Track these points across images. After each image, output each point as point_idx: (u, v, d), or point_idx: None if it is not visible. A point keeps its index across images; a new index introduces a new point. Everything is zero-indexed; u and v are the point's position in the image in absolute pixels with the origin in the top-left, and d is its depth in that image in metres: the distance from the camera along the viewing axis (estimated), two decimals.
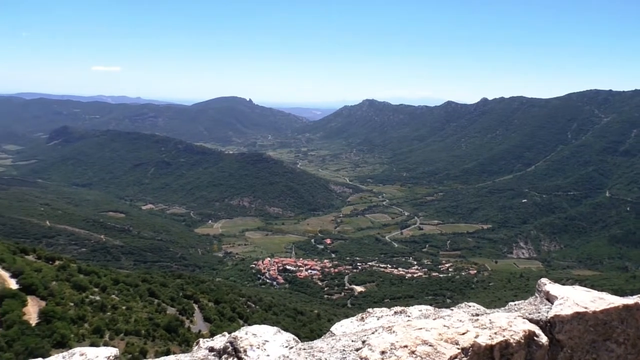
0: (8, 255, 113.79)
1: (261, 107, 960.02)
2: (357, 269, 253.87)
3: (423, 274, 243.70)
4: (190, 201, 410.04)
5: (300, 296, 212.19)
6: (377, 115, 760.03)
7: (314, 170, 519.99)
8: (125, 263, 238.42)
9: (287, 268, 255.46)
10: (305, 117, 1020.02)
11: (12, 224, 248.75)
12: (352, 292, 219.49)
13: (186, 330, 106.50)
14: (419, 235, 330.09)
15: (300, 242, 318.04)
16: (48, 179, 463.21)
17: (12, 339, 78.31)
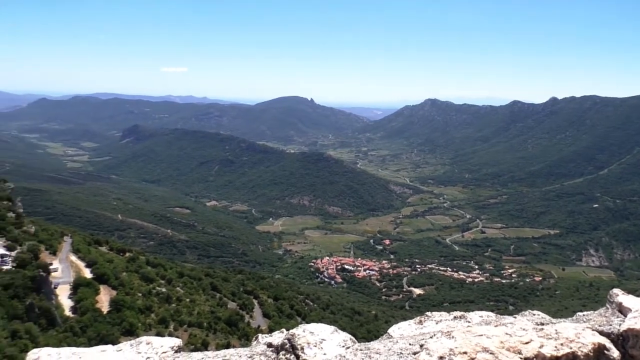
0: (83, 246, 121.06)
1: (322, 107, 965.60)
2: (416, 271, 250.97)
3: (484, 279, 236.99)
4: (252, 199, 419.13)
5: (358, 296, 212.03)
6: (439, 115, 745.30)
7: (374, 170, 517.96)
8: (189, 257, 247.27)
9: (345, 267, 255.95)
10: (366, 116, 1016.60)
11: (87, 216, 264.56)
12: (411, 295, 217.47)
13: (246, 324, 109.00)
14: (480, 238, 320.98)
15: (358, 242, 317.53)
16: (120, 174, 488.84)
17: (85, 325, 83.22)
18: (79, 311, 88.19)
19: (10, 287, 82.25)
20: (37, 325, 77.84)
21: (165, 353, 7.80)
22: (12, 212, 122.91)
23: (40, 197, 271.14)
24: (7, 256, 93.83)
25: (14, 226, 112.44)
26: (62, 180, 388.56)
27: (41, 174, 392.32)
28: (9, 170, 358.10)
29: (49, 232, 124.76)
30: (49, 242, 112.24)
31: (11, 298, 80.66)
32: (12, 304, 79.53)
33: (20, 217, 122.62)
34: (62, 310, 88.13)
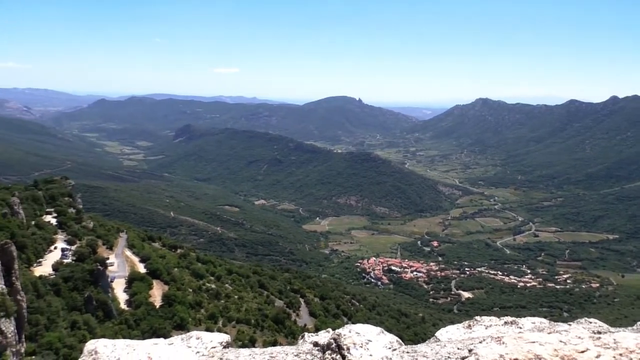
0: (138, 242, 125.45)
1: (370, 107, 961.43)
2: (464, 274, 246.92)
3: (537, 284, 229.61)
4: (299, 198, 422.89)
5: (405, 298, 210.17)
6: (491, 115, 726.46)
7: (422, 170, 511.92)
8: (238, 255, 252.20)
9: (392, 269, 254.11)
10: (415, 116, 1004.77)
11: (142, 213, 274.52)
12: (459, 298, 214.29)
13: (292, 323, 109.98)
14: (533, 242, 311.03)
15: (406, 243, 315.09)
16: (173, 173, 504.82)
17: (139, 318, 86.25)
18: (134, 305, 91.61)
19: (70, 280, 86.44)
20: (95, 316, 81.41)
21: (214, 348, 8.01)
22: (72, 208, 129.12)
23: (99, 194, 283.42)
24: (67, 250, 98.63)
25: (74, 221, 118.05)
26: (119, 177, 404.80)
27: (99, 171, 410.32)
28: (70, 168, 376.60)
29: (106, 227, 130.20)
30: (106, 237, 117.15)
31: (71, 290, 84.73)
32: (72, 295, 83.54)
33: (80, 212, 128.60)
34: (117, 303, 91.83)
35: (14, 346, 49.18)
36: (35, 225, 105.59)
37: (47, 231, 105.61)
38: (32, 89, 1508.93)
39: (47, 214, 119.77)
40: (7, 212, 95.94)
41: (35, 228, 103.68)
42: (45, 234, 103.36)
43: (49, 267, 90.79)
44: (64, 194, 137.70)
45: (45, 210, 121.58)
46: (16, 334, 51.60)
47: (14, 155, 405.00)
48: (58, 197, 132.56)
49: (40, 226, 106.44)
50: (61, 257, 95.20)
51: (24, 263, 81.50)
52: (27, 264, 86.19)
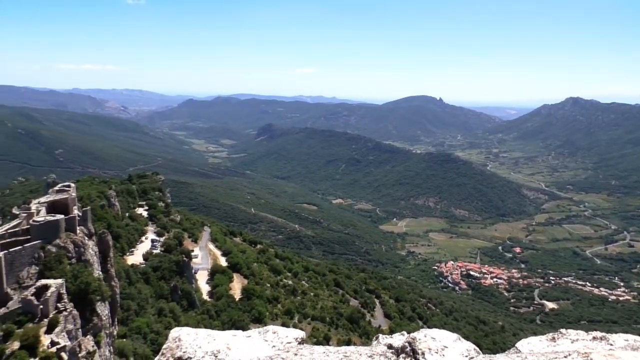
0: (220, 236, 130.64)
1: (451, 106, 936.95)
2: (549, 283, 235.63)
3: (631, 298, 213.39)
4: (376, 198, 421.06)
5: (484, 304, 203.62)
6: (582, 115, 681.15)
7: (506, 173, 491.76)
8: (315, 252, 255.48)
9: (470, 274, 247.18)
10: (498, 116, 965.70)
11: (225, 209, 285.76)
12: (542, 308, 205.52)
13: (367, 323, 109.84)
14: (628, 252, 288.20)
15: (486, 248, 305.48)
16: (255, 170, 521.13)
17: (220, 309, 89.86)
18: (215, 296, 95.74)
19: (158, 270, 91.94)
20: (180, 305, 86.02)
21: (289, 344, 8.21)
22: (162, 202, 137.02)
23: (185, 189, 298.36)
24: (157, 241, 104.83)
25: (163, 214, 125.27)
26: (204, 174, 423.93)
27: (187, 168, 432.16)
28: (160, 164, 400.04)
29: (192, 221, 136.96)
30: (191, 230, 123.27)
31: (159, 279, 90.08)
32: (159, 284, 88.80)
33: (168, 206, 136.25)
34: (200, 293, 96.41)
35: (108, 328, 53.03)
36: (129, 217, 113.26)
37: (139, 223, 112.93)
38: (128, 90, 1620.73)
39: (140, 206, 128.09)
40: (105, 204, 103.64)
41: (128, 219, 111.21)
42: (137, 225, 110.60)
43: (139, 256, 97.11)
44: (154, 188, 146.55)
45: (138, 203, 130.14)
46: (110, 317, 55.64)
47: (112, 152, 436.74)
48: (149, 191, 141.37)
49: (133, 218, 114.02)
50: (151, 248, 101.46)
51: (118, 252, 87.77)
52: (121, 252, 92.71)
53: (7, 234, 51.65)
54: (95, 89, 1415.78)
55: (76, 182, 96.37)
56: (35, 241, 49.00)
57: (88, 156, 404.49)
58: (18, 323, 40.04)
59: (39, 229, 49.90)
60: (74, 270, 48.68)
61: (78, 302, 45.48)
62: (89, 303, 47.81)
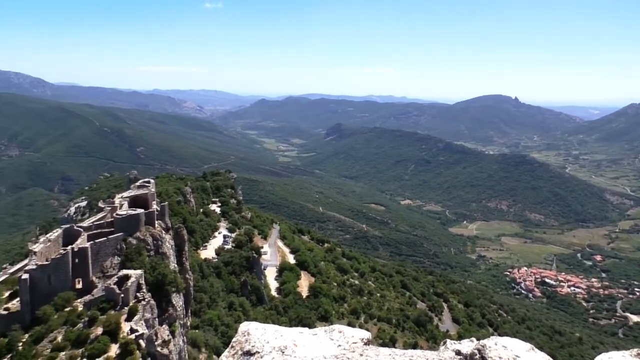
0: (289, 234, 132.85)
1: (527, 106, 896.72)
2: (634, 294, 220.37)
3: None
4: (446, 200, 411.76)
5: (559, 314, 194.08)
6: None
7: (586, 176, 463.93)
8: (382, 253, 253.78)
9: (545, 281, 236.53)
10: (579, 116, 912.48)
11: (293, 207, 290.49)
12: (626, 321, 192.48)
13: (434, 327, 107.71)
14: None
15: (563, 254, 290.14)
16: (323, 170, 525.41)
17: (287, 305, 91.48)
18: (283, 293, 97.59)
19: (229, 264, 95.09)
20: (249, 300, 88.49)
21: (355, 344, 8.25)
22: (234, 199, 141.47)
23: (256, 187, 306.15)
24: (228, 237, 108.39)
25: (235, 211, 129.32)
26: (274, 172, 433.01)
27: (258, 166, 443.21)
28: (233, 162, 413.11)
29: (262, 218, 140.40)
30: (261, 227, 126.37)
31: (230, 274, 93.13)
32: (230, 279, 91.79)
33: (240, 203, 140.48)
34: (268, 289, 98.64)
35: (182, 319, 55.50)
36: (203, 213, 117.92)
37: (213, 219, 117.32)
38: (205, 91, 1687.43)
39: (213, 203, 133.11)
40: (181, 200, 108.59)
41: (202, 215, 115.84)
42: (210, 221, 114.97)
43: (212, 251, 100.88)
44: (227, 185, 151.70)
45: (211, 200, 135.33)
46: (184, 309, 58.21)
47: (189, 150, 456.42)
48: (222, 189, 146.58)
49: (207, 214, 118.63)
50: (223, 243, 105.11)
51: (192, 246, 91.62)
52: (195, 247, 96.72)
53: (94, 225, 55.40)
54: (174, 90, 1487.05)
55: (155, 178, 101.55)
56: (118, 233, 52.18)
57: (166, 154, 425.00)
58: (101, 310, 42.86)
59: (121, 222, 53.09)
60: (152, 262, 51.37)
61: (155, 293, 47.95)
62: (165, 294, 50.28)
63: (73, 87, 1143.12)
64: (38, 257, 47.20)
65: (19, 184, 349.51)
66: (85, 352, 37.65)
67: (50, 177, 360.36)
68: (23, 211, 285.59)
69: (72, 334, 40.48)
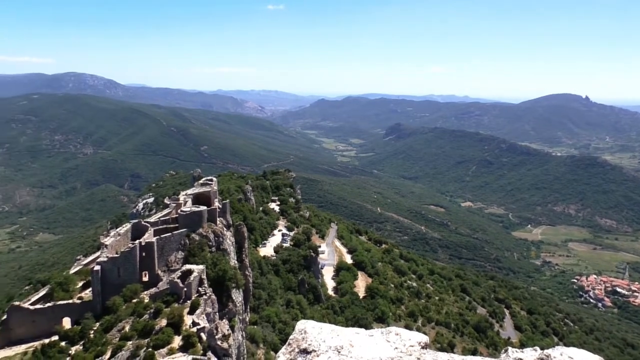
0: (346, 234, 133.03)
1: (599, 105, 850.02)
2: None
3: None
4: (509, 202, 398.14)
5: (632, 326, 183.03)
6: None
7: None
8: (441, 255, 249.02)
9: (617, 290, 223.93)
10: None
11: (351, 207, 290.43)
12: None
13: (495, 333, 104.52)
14: None
15: (637, 263, 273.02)
16: (382, 170, 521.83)
17: (344, 305, 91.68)
18: (339, 292, 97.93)
19: (287, 263, 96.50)
20: (306, 298, 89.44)
21: (412, 347, 8.20)
22: (292, 197, 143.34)
23: (315, 186, 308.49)
24: (287, 235, 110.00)
25: (294, 210, 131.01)
26: (333, 172, 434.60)
27: (316, 166, 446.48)
28: (292, 161, 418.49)
29: (320, 218, 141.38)
30: (319, 226, 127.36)
31: (288, 272, 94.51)
32: (288, 277, 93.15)
33: (298, 202, 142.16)
34: (325, 289, 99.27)
35: (241, 314, 56.88)
36: (263, 211, 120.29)
37: (272, 217, 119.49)
38: (265, 91, 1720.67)
39: (272, 201, 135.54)
40: (242, 198, 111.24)
41: (262, 213, 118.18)
42: (270, 219, 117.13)
43: (271, 249, 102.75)
44: (286, 184, 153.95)
45: (270, 198, 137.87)
46: (243, 304, 59.63)
47: (250, 149, 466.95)
48: (281, 187, 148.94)
49: (266, 212, 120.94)
50: (281, 241, 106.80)
51: (252, 243, 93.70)
52: (255, 244, 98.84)
53: (160, 221, 57.84)
54: (237, 90, 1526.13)
55: (218, 176, 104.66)
56: (182, 229, 54.21)
57: (228, 152, 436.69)
58: (166, 302, 44.66)
59: (185, 218, 55.10)
60: (214, 257, 52.98)
61: (216, 288, 49.43)
62: (226, 289, 51.71)
63: (142, 88, 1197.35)
64: (109, 250, 49.87)
65: (92, 181, 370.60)
66: (150, 342, 39.37)
67: (120, 174, 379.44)
68: (96, 206, 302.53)
69: (138, 324, 42.48)
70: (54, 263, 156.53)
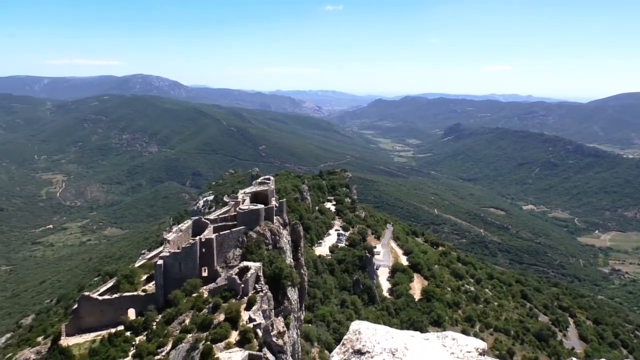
0: (403, 235, 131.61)
1: None
2: None
3: None
4: (575, 206, 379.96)
5: None
6: None
7: None
8: (500, 260, 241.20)
9: None
10: None
11: (408, 208, 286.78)
12: None
13: (557, 343, 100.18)
14: None
15: None
16: (439, 171, 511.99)
17: (399, 307, 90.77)
18: (395, 294, 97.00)
19: (342, 262, 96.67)
20: (360, 299, 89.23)
21: (469, 353, 8.03)
22: (348, 197, 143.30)
23: (371, 186, 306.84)
24: (342, 235, 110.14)
25: (349, 210, 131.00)
26: (389, 173, 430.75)
27: (373, 166, 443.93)
28: (349, 161, 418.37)
29: (375, 218, 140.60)
30: (374, 227, 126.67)
31: (343, 272, 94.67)
32: (343, 276, 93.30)
33: (354, 202, 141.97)
34: (380, 290, 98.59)
35: (296, 312, 57.57)
36: (319, 210, 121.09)
37: (327, 216, 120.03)
38: (323, 91, 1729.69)
39: (328, 201, 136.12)
40: (298, 197, 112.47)
41: (318, 213, 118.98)
42: (325, 219, 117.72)
43: (326, 248, 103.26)
44: (342, 184, 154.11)
45: (326, 198, 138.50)
46: (298, 303, 60.33)
47: (306, 148, 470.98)
48: (337, 187, 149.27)
49: (322, 211, 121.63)
50: (337, 241, 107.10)
51: (307, 242, 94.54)
52: (310, 243, 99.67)
53: (219, 218, 59.51)
54: (295, 90, 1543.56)
55: (275, 175, 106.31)
56: (241, 227, 55.54)
57: (286, 152, 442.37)
58: (224, 298, 45.94)
59: (243, 216, 56.43)
60: (270, 255, 53.94)
61: (272, 285, 50.30)
62: (281, 287, 52.52)
63: (204, 89, 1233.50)
64: (171, 245, 51.88)
65: (156, 178, 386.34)
66: (209, 335, 40.64)
67: (183, 172, 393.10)
68: (159, 202, 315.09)
69: (198, 318, 43.97)
70: (120, 256, 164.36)
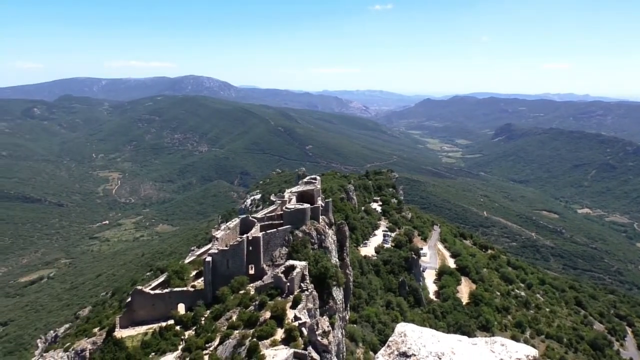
0: (450, 237, 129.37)
1: None
2: None
3: None
4: (634, 210, 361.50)
5: None
6: None
7: None
8: (553, 265, 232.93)
9: None
10: None
11: (456, 210, 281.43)
12: None
13: (614, 352, 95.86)
14: None
15: None
16: (489, 172, 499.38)
17: (446, 310, 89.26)
18: (441, 297, 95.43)
19: (388, 263, 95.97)
20: (406, 301, 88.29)
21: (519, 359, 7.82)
22: (395, 198, 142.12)
23: (418, 187, 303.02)
24: (388, 236, 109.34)
25: (395, 211, 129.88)
26: (437, 173, 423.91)
27: (420, 166, 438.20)
28: (395, 161, 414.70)
29: (422, 219, 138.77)
30: (421, 228, 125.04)
31: (388, 273, 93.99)
32: (388, 278, 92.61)
33: (400, 203, 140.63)
34: (427, 292, 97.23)
35: (341, 312, 57.58)
36: (364, 211, 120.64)
37: (373, 217, 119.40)
38: (370, 91, 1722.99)
39: (374, 201, 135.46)
40: (344, 197, 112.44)
41: (364, 213, 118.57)
42: (371, 219, 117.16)
43: (372, 249, 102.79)
44: (389, 185, 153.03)
45: (372, 198, 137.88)
46: (343, 303, 60.32)
47: (353, 148, 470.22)
48: (384, 188, 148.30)
49: (368, 212, 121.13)
50: (382, 242, 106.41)
51: (353, 242, 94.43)
52: (356, 243, 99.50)
53: (266, 217, 60.36)
54: (342, 91, 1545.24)
55: (321, 175, 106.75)
56: (287, 226, 56.14)
57: (332, 152, 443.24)
58: (270, 296, 46.58)
59: (290, 215, 57.00)
60: (316, 255, 54.23)
61: (317, 285, 50.56)
62: (327, 287, 52.71)
63: (253, 89, 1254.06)
64: (219, 242, 53.05)
65: (206, 177, 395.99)
66: (255, 332, 41.30)
67: (231, 171, 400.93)
68: (209, 200, 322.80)
69: (244, 314, 44.77)
70: (171, 252, 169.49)
